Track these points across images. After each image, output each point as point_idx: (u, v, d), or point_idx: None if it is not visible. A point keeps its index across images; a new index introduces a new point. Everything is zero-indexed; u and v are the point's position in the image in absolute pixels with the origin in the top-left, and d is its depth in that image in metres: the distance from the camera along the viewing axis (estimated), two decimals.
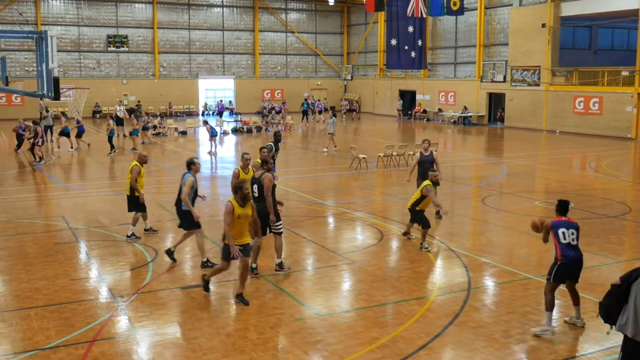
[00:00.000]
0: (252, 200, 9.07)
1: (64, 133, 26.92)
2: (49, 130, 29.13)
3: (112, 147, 25.62)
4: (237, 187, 8.88)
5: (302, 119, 40.32)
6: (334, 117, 27.07)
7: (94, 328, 7.99)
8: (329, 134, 26.71)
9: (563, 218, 8.15)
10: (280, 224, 10.27)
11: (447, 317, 8.35)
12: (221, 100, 47.67)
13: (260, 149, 12.20)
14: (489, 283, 9.98)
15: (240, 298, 8.91)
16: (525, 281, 9.86)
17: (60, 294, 9.23)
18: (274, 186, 10.46)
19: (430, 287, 9.65)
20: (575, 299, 8.26)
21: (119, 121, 32.24)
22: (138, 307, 8.73)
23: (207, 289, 9.25)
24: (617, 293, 5.60)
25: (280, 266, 10.29)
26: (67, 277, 10.01)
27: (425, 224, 11.80)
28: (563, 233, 7.97)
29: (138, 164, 12.20)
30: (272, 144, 14.79)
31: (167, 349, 7.47)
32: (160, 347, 7.53)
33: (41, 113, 30.00)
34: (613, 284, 5.72)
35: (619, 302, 5.59)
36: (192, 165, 10.59)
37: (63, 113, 31.03)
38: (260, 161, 10.84)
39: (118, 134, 30.92)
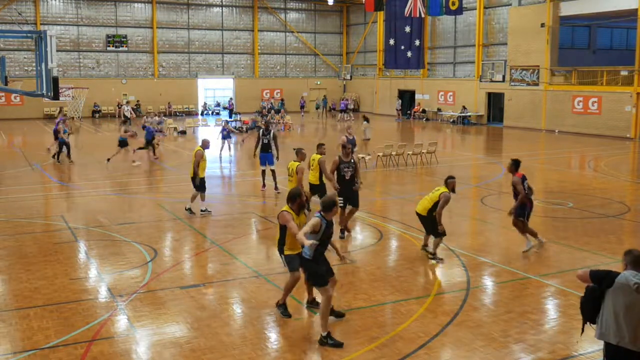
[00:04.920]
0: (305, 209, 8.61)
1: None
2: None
3: (152, 147, 24.06)
4: (296, 195, 8.31)
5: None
6: (367, 123, 25.88)
7: (93, 328, 7.98)
8: (366, 139, 25.44)
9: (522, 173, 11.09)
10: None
11: (446, 316, 8.34)
12: (231, 99, 47.48)
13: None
14: (488, 282, 9.98)
15: (283, 308, 8.43)
16: (524, 280, 9.86)
17: (59, 293, 9.22)
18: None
19: (429, 287, 9.65)
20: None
21: (126, 121, 32.30)
22: (137, 307, 8.72)
23: (286, 313, 8.44)
24: (593, 295, 5.57)
25: None
26: (66, 276, 10.00)
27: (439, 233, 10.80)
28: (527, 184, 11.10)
29: (201, 148, 13.86)
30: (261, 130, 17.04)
31: (167, 349, 7.46)
32: (159, 347, 7.52)
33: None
34: (588, 286, 5.67)
35: (594, 306, 5.58)
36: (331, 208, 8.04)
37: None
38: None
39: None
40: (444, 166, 22.39)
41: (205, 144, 14.20)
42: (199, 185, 13.88)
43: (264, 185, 17.08)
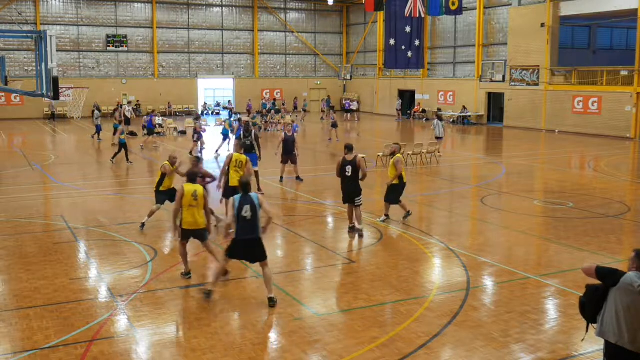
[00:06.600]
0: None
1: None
2: (101, 130, 29.56)
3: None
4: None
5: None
6: (438, 120, 25.17)
7: (93, 328, 7.97)
8: (441, 138, 24.82)
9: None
10: (360, 199, 12.49)
11: (446, 316, 8.32)
12: (250, 100, 47.11)
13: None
14: (488, 282, 9.96)
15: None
16: (524, 281, 9.84)
17: (59, 293, 9.19)
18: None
19: (429, 287, 9.61)
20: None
21: (127, 121, 32.27)
22: (137, 307, 8.70)
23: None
24: (595, 295, 5.58)
25: (360, 233, 12.28)
26: (66, 276, 9.97)
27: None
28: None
29: (168, 162, 13.01)
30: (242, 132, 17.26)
31: (167, 349, 7.45)
32: (159, 347, 7.51)
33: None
34: (589, 285, 5.69)
35: (595, 305, 5.59)
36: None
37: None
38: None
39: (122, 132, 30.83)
40: (444, 166, 22.37)
41: (172, 160, 13.03)
42: (158, 196, 12.87)
43: None
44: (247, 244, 8.63)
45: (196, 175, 9.76)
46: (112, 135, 27.20)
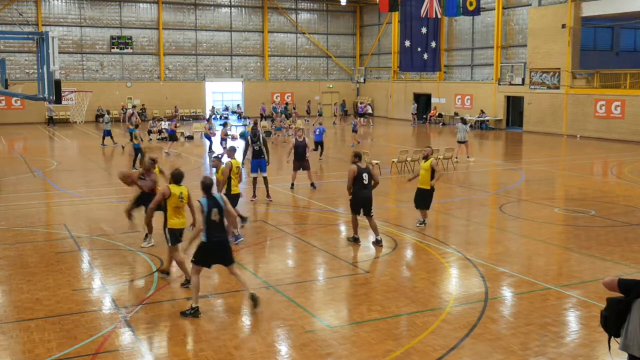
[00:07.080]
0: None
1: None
2: (109, 135, 29.49)
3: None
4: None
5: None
6: (461, 124, 25.07)
7: (97, 340, 7.84)
8: (463, 142, 24.79)
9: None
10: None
11: (463, 329, 8.16)
12: (263, 103, 46.95)
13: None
14: (507, 293, 9.75)
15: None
16: (544, 291, 9.62)
17: (61, 305, 9.06)
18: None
19: (446, 298, 9.43)
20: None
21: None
22: (142, 319, 8.56)
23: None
24: (618, 307, 5.38)
25: (379, 242, 12.04)
26: (69, 287, 9.84)
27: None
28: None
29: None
30: (249, 137, 16.98)
31: None
32: None
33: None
34: (610, 298, 5.48)
35: (619, 318, 5.39)
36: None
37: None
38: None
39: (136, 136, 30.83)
40: (461, 172, 22.07)
41: (152, 162, 12.21)
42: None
43: (254, 196, 16.41)
44: (219, 246, 8.65)
45: (182, 176, 9.85)
46: (129, 140, 27.13)
